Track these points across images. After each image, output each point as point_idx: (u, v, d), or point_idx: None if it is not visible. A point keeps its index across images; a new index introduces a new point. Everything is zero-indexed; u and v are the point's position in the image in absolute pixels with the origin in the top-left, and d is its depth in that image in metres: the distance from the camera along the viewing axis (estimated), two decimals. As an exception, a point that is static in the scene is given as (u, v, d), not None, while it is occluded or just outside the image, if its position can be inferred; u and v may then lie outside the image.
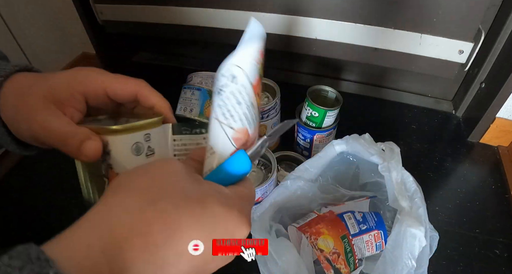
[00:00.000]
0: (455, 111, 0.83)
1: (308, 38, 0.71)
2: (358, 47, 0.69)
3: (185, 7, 0.75)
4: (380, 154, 0.49)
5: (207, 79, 0.69)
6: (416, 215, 0.42)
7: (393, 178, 0.46)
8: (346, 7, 0.64)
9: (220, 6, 0.72)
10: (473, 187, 0.67)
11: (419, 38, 0.63)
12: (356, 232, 0.50)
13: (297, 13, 0.68)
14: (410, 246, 0.40)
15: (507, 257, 0.57)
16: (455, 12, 0.59)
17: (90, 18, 0.87)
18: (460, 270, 0.55)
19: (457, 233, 0.60)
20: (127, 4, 0.80)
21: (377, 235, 0.51)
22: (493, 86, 0.68)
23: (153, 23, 0.81)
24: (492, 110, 0.70)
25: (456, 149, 0.75)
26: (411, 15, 0.61)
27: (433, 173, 0.69)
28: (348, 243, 0.50)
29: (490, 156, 0.74)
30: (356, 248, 0.50)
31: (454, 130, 0.79)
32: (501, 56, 0.67)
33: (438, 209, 0.63)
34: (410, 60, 0.67)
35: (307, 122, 0.65)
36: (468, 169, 0.71)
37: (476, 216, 0.62)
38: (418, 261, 0.41)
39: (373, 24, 0.64)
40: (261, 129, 0.67)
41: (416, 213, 0.43)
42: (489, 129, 0.73)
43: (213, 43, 0.80)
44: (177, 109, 0.68)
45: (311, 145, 0.68)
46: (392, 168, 0.46)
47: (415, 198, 0.44)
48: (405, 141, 0.76)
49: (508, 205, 0.64)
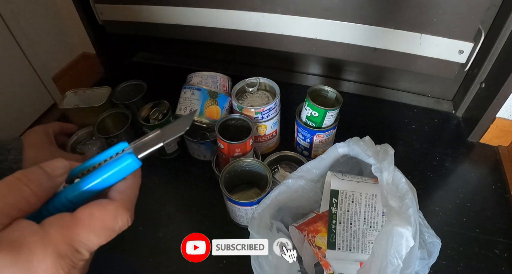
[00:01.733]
0: (455, 111, 0.83)
1: (308, 38, 0.71)
2: (358, 47, 0.69)
3: (185, 7, 0.75)
4: (376, 155, 0.50)
5: (207, 79, 0.69)
6: (405, 215, 0.42)
7: (384, 178, 0.46)
8: (346, 7, 0.64)
9: (220, 6, 0.72)
10: (473, 187, 0.67)
11: (419, 38, 0.63)
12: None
13: (297, 13, 0.68)
14: (396, 245, 0.40)
15: (507, 257, 0.57)
16: (455, 12, 0.59)
17: (90, 18, 0.87)
18: (460, 270, 0.55)
19: (457, 233, 0.60)
20: (127, 4, 0.80)
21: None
22: (493, 86, 0.68)
23: (153, 23, 0.81)
24: (492, 110, 0.70)
25: (456, 149, 0.75)
26: (411, 15, 0.61)
27: (433, 173, 0.69)
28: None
29: (490, 156, 0.74)
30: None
31: (454, 130, 0.79)
32: (501, 56, 0.67)
33: (438, 209, 0.63)
34: (410, 60, 0.67)
35: (307, 122, 0.65)
36: (468, 169, 0.71)
37: (476, 216, 0.62)
38: (405, 262, 0.40)
39: (373, 24, 0.64)
40: (261, 129, 0.67)
41: (405, 213, 0.42)
42: (489, 129, 0.73)
43: (213, 43, 0.80)
44: (177, 109, 0.68)
45: (311, 145, 0.68)
46: (383, 169, 0.46)
47: (405, 199, 0.44)
48: (405, 141, 0.76)
49: (508, 205, 0.64)
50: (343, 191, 0.52)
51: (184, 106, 0.66)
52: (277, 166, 0.70)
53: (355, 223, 0.51)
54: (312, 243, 0.50)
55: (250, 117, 0.64)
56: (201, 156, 0.73)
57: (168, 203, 0.67)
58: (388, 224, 0.41)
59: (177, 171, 0.72)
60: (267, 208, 0.50)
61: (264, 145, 0.72)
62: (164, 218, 0.64)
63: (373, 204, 0.51)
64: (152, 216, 0.64)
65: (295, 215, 0.56)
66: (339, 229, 0.51)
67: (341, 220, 0.52)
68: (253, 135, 0.62)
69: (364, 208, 0.52)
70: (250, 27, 0.73)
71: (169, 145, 0.71)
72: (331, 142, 0.69)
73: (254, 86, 0.68)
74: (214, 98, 0.66)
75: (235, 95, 0.67)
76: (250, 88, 0.68)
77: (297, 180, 0.54)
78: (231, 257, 0.57)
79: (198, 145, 0.70)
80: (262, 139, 0.70)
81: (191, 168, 0.72)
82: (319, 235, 0.51)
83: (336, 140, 0.69)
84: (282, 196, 0.52)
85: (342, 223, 0.52)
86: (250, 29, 0.73)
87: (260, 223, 0.48)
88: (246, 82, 0.68)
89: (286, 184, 0.53)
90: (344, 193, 0.52)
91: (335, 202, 0.52)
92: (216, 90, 0.66)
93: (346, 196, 0.52)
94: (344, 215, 0.52)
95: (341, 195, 0.52)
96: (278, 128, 0.72)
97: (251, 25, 0.73)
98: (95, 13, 0.85)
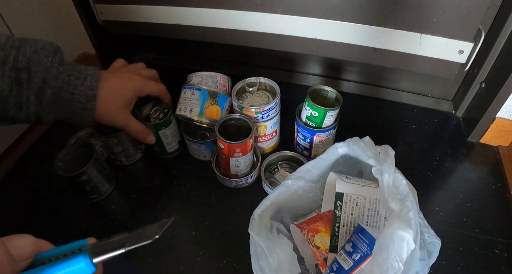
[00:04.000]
0: (455, 111, 0.83)
1: (308, 38, 0.71)
2: (358, 47, 0.69)
3: (185, 7, 0.75)
4: (376, 157, 0.49)
5: (207, 79, 0.69)
6: (406, 218, 0.42)
7: (385, 181, 0.46)
8: (346, 7, 0.64)
9: (220, 6, 0.72)
10: (473, 187, 0.67)
11: (419, 38, 0.63)
12: (351, 266, 0.46)
13: (297, 13, 0.68)
14: (397, 248, 0.40)
15: (507, 257, 0.57)
16: (455, 12, 0.59)
17: (90, 18, 0.87)
18: (460, 270, 0.55)
19: (457, 233, 0.60)
20: (127, 4, 0.80)
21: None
22: (493, 86, 0.68)
23: (153, 23, 0.81)
24: (492, 110, 0.70)
25: (456, 149, 0.75)
26: (411, 15, 0.61)
27: (433, 173, 0.69)
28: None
29: (490, 156, 0.74)
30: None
31: (454, 130, 0.79)
32: (501, 56, 0.67)
33: (438, 209, 0.63)
34: (410, 60, 0.67)
35: (307, 122, 0.65)
36: (468, 169, 0.71)
37: (476, 216, 0.62)
38: (406, 265, 0.40)
39: (373, 24, 0.64)
40: (261, 129, 0.67)
41: (406, 216, 0.42)
42: (489, 129, 0.73)
43: (213, 43, 0.80)
44: (177, 109, 0.68)
45: (311, 145, 0.68)
46: (384, 171, 0.46)
47: (406, 201, 0.44)
48: (405, 141, 0.76)
49: (508, 205, 0.64)
50: (348, 194, 0.52)
51: (184, 106, 0.66)
52: (277, 166, 0.70)
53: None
54: (311, 242, 0.50)
55: (250, 117, 0.64)
56: (201, 156, 0.73)
57: (168, 203, 0.67)
58: (389, 227, 0.41)
59: (177, 171, 0.72)
60: (267, 209, 0.50)
61: (264, 145, 0.72)
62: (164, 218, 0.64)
63: (376, 208, 0.51)
64: (152, 216, 0.64)
65: (294, 216, 0.56)
66: (342, 232, 0.51)
67: (344, 223, 0.52)
68: (253, 135, 0.62)
69: (368, 212, 0.52)
70: (250, 27, 0.73)
71: (170, 144, 0.71)
72: (331, 142, 0.69)
73: (254, 86, 0.68)
74: (214, 98, 0.66)
75: (235, 95, 0.67)
76: (250, 88, 0.68)
77: (297, 180, 0.54)
78: (231, 257, 0.57)
79: (198, 145, 0.70)
80: (262, 139, 0.70)
81: (191, 168, 0.72)
82: (318, 235, 0.51)
83: (336, 140, 0.69)
84: (281, 197, 0.52)
85: (345, 226, 0.52)
86: (250, 29, 0.73)
87: (260, 224, 0.48)
88: (246, 82, 0.68)
89: (286, 184, 0.53)
90: (349, 196, 0.52)
91: (339, 205, 0.52)
92: (216, 90, 0.66)
93: (350, 199, 0.52)
94: (347, 218, 0.52)
95: (345, 198, 0.52)
96: (278, 128, 0.72)
97: (251, 25, 0.73)
98: (95, 13, 0.85)
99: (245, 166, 0.65)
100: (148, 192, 0.69)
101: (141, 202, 0.67)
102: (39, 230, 0.63)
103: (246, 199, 0.66)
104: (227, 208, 0.65)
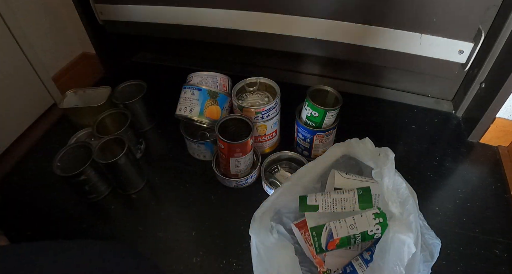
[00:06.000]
0: (455, 111, 0.83)
1: (308, 38, 0.71)
2: (358, 47, 0.69)
3: (185, 7, 0.75)
4: (376, 159, 0.49)
5: (207, 79, 0.69)
6: (406, 221, 0.42)
7: (385, 184, 0.46)
8: (346, 7, 0.64)
9: (220, 6, 0.72)
10: (473, 187, 0.67)
11: (419, 38, 0.63)
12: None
13: (297, 13, 0.68)
14: (398, 253, 0.40)
15: (507, 257, 0.57)
16: (455, 12, 0.59)
17: (90, 18, 0.87)
18: (460, 270, 0.55)
19: (457, 233, 0.60)
20: (127, 4, 0.80)
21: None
22: (493, 86, 0.68)
23: (153, 23, 0.81)
24: (492, 110, 0.70)
25: (456, 149, 0.75)
26: (411, 15, 0.61)
27: (433, 173, 0.69)
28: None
29: (490, 156, 0.74)
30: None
31: (454, 130, 0.79)
32: (501, 56, 0.67)
33: (438, 209, 0.63)
34: (410, 60, 0.67)
35: (307, 122, 0.65)
36: (468, 169, 0.71)
37: (476, 216, 0.62)
38: (407, 268, 0.40)
39: (373, 24, 0.64)
40: (261, 129, 0.67)
41: (406, 219, 0.42)
42: (489, 129, 0.73)
43: (213, 43, 0.80)
44: (177, 109, 0.68)
45: (311, 145, 0.68)
46: (384, 174, 0.46)
47: (406, 204, 0.44)
48: (405, 141, 0.76)
49: (508, 205, 0.64)
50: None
51: (184, 106, 0.66)
52: (277, 166, 0.70)
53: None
54: (308, 241, 0.50)
55: (250, 117, 0.64)
56: (201, 156, 0.73)
57: (168, 203, 0.67)
58: (389, 231, 0.41)
59: (177, 171, 0.72)
60: (268, 211, 0.50)
61: (264, 145, 0.72)
62: (164, 218, 0.64)
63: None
64: (152, 216, 0.64)
65: (295, 217, 0.56)
66: None
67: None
68: (253, 135, 0.62)
69: None
70: (250, 27, 0.73)
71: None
72: (331, 142, 0.69)
73: (254, 86, 0.68)
74: (214, 98, 0.66)
75: (235, 95, 0.67)
76: (250, 88, 0.68)
77: (297, 181, 0.54)
78: (231, 257, 0.57)
79: (198, 145, 0.70)
80: (262, 139, 0.70)
81: (191, 168, 0.72)
82: None
83: (336, 140, 0.69)
84: (282, 198, 0.52)
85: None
86: (250, 29, 0.73)
87: (260, 226, 0.48)
88: (246, 82, 0.68)
89: (286, 186, 0.53)
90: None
91: None
92: (216, 90, 0.66)
93: None
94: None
95: None
96: (278, 128, 0.72)
97: (251, 25, 0.73)
98: (95, 13, 0.85)
99: (245, 166, 0.65)
100: (148, 193, 0.69)
101: (140, 202, 0.67)
102: (39, 229, 0.63)
103: (246, 199, 0.66)
104: (227, 208, 0.65)
